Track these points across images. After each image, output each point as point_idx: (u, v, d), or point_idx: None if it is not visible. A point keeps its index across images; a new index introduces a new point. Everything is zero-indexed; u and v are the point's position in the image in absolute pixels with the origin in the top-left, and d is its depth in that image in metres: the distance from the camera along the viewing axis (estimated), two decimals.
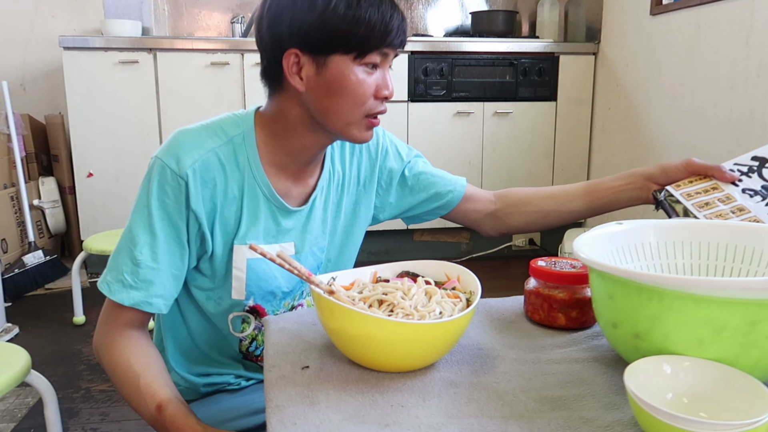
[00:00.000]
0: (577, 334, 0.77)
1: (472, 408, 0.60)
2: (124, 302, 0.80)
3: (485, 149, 2.94)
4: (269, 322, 0.81)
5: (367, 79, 0.81)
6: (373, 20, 0.78)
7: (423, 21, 3.36)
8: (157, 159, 0.82)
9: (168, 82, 2.64)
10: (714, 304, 0.55)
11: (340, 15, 0.78)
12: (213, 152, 0.83)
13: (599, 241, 0.74)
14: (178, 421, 0.76)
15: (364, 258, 3.26)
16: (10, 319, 2.24)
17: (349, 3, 0.78)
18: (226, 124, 0.87)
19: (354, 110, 0.83)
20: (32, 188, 2.78)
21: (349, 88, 0.81)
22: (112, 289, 0.81)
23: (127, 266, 0.80)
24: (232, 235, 0.86)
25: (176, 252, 0.83)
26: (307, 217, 0.92)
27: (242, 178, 0.85)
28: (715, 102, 2.17)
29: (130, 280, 0.80)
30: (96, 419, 1.69)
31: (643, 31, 2.57)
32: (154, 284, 0.81)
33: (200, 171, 0.82)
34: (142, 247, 0.80)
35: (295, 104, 0.85)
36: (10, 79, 2.85)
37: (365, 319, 0.63)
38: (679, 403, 0.55)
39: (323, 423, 0.57)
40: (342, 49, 0.79)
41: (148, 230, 0.81)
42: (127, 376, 0.81)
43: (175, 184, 0.81)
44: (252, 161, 0.86)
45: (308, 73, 0.81)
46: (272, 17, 0.81)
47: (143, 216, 0.81)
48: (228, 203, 0.85)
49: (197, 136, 0.84)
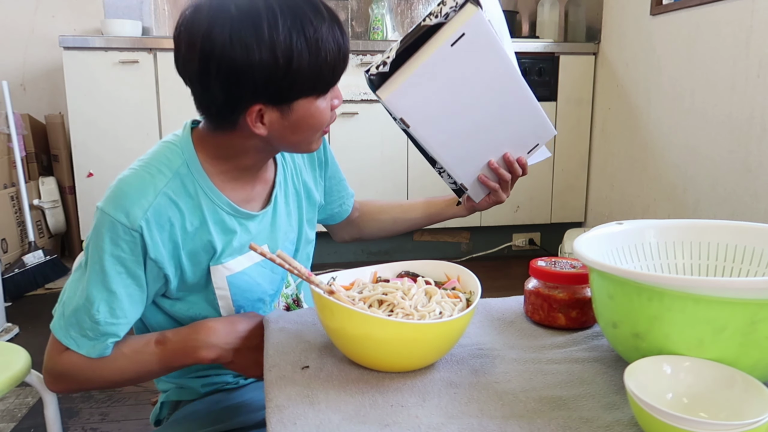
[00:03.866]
0: (577, 334, 0.77)
1: (472, 408, 0.60)
2: (91, 355, 0.80)
3: None
4: (269, 322, 0.81)
5: (325, 105, 0.81)
6: (332, 57, 0.76)
7: None
8: (105, 214, 0.78)
9: (168, 82, 2.64)
10: (714, 304, 0.55)
11: (305, 65, 0.74)
12: (162, 194, 0.79)
13: (599, 241, 0.74)
14: (183, 332, 0.83)
15: (364, 258, 3.26)
16: (10, 319, 2.24)
17: (309, 48, 0.73)
18: (165, 157, 0.82)
19: (317, 134, 0.83)
20: (32, 188, 2.78)
21: (315, 122, 0.80)
22: (79, 343, 0.79)
23: (86, 324, 0.79)
24: (206, 263, 0.85)
25: (137, 298, 0.81)
26: (272, 215, 0.92)
27: (199, 206, 0.83)
28: (715, 102, 2.17)
29: (92, 335, 0.79)
30: (96, 419, 1.69)
31: (643, 31, 2.57)
32: (117, 334, 0.80)
33: (154, 218, 0.78)
34: (99, 304, 0.78)
35: (249, 139, 0.81)
36: (10, 79, 2.85)
37: (365, 319, 0.63)
38: (679, 403, 0.55)
39: (323, 423, 0.57)
40: (307, 93, 0.77)
41: (103, 288, 0.78)
42: (114, 364, 0.81)
43: (128, 237, 0.77)
44: (204, 186, 0.83)
45: (271, 119, 0.78)
46: (225, 71, 0.73)
47: (96, 273, 0.78)
48: (190, 236, 0.82)
49: (141, 182, 0.79)
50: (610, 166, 2.91)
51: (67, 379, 0.83)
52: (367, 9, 3.20)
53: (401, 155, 2.86)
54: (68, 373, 0.82)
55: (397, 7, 3.31)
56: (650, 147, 2.58)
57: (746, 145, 2.04)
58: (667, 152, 2.47)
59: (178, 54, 0.77)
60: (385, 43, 2.76)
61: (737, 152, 2.09)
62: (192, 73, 0.76)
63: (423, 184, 2.89)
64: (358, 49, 2.73)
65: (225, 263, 0.86)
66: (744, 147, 2.05)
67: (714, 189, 2.20)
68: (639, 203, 2.68)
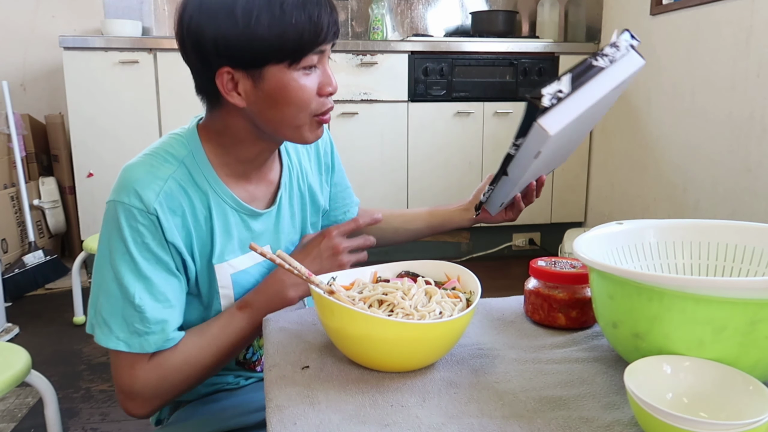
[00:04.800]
0: (577, 334, 0.77)
1: (472, 408, 0.60)
2: (147, 350, 0.77)
3: (485, 149, 2.94)
4: (269, 322, 0.81)
5: (307, 83, 0.78)
6: (300, 24, 0.74)
7: (423, 21, 3.36)
8: (118, 203, 0.77)
9: (168, 82, 2.64)
10: (714, 304, 0.55)
11: (264, 25, 0.73)
12: (171, 179, 0.80)
13: (599, 241, 0.74)
14: (261, 289, 0.85)
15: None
16: (10, 319, 2.24)
17: (272, 11, 0.73)
18: (170, 147, 0.83)
19: (300, 115, 0.80)
20: (32, 188, 2.78)
21: (291, 96, 0.78)
22: (130, 343, 0.77)
23: (134, 317, 0.77)
24: (209, 255, 0.85)
25: (174, 283, 0.81)
26: (276, 216, 0.92)
27: (206, 196, 0.83)
28: (715, 102, 2.17)
29: (143, 328, 0.77)
30: (96, 419, 1.69)
31: (643, 31, 2.57)
32: (167, 321, 0.78)
33: (166, 202, 0.78)
34: (139, 294, 0.77)
35: (238, 117, 0.82)
36: (10, 79, 2.85)
37: (365, 319, 0.63)
38: (679, 403, 0.55)
39: (323, 423, 0.57)
40: (274, 60, 0.76)
41: (137, 277, 0.77)
42: (195, 347, 0.82)
43: (146, 222, 0.77)
44: (209, 178, 0.83)
45: (245, 88, 0.78)
46: (193, 37, 0.77)
47: (125, 263, 0.77)
48: (199, 225, 0.83)
49: (149, 168, 0.79)
50: (610, 166, 2.91)
51: (153, 393, 0.80)
52: (367, 9, 3.20)
53: (401, 155, 2.86)
54: (153, 383, 0.79)
55: (397, 7, 3.31)
56: (650, 147, 2.58)
57: (746, 144, 2.04)
58: (667, 152, 2.47)
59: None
60: (385, 43, 2.76)
61: (737, 152, 2.09)
62: (180, 48, 0.81)
63: (422, 186, 2.89)
64: (358, 49, 2.73)
65: (229, 261, 0.86)
66: (744, 147, 2.05)
67: (714, 189, 2.20)
68: (639, 203, 2.68)
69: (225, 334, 0.84)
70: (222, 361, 0.85)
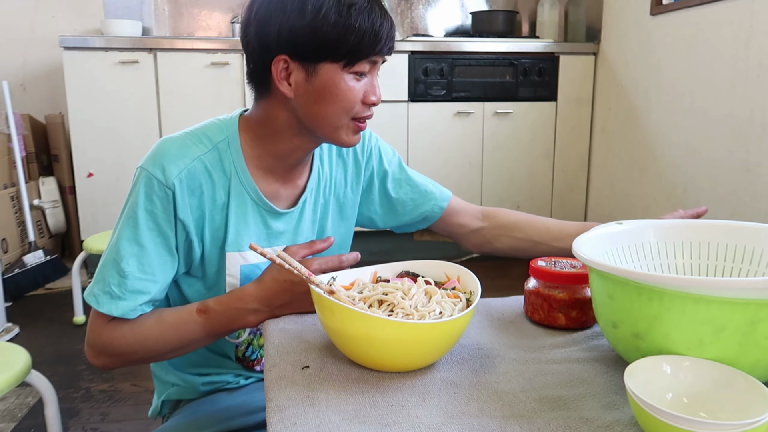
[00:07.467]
0: (577, 334, 0.77)
1: (472, 408, 0.60)
2: (113, 313, 0.80)
3: (485, 149, 2.94)
4: (269, 322, 0.81)
5: (356, 86, 0.82)
6: (363, 28, 0.78)
7: (423, 21, 3.36)
8: (143, 170, 0.82)
9: (168, 82, 2.64)
10: (714, 304, 0.55)
11: (330, 23, 0.77)
12: (199, 160, 0.83)
13: (599, 241, 0.74)
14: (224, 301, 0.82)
15: (365, 258, 3.24)
16: (10, 319, 2.24)
17: (339, 10, 0.77)
18: (210, 130, 0.86)
19: (342, 116, 0.83)
20: (32, 188, 2.78)
21: (339, 96, 0.81)
22: (99, 301, 0.80)
23: (114, 278, 0.80)
24: (222, 241, 0.86)
25: (167, 260, 0.83)
26: (297, 219, 0.93)
27: (229, 183, 0.85)
28: (715, 102, 2.17)
29: (118, 292, 0.80)
30: (96, 419, 1.69)
31: (643, 31, 2.57)
32: (143, 293, 0.81)
33: (186, 180, 0.81)
34: (129, 258, 0.80)
35: (282, 109, 0.85)
36: (11, 79, 2.85)
37: (365, 319, 0.63)
38: (679, 403, 0.55)
39: (323, 423, 0.57)
40: (331, 58, 0.79)
41: (134, 241, 0.80)
42: (159, 335, 0.82)
43: (162, 194, 0.81)
44: (238, 166, 0.86)
45: (297, 80, 0.81)
46: (260, 22, 0.80)
47: (130, 227, 0.81)
48: (216, 210, 0.85)
49: (182, 145, 0.83)
50: (610, 166, 2.91)
51: (109, 352, 0.83)
52: None
53: (401, 155, 2.86)
54: (110, 345, 0.82)
55: (397, 7, 3.31)
56: (650, 147, 2.58)
57: (746, 145, 2.04)
58: (667, 152, 2.47)
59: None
60: None
61: (737, 152, 2.09)
62: (242, 30, 0.84)
63: None
64: None
65: (242, 252, 0.87)
66: (744, 147, 2.05)
67: (714, 189, 2.20)
68: (639, 203, 2.68)
69: (178, 331, 0.84)
70: (169, 353, 0.85)
